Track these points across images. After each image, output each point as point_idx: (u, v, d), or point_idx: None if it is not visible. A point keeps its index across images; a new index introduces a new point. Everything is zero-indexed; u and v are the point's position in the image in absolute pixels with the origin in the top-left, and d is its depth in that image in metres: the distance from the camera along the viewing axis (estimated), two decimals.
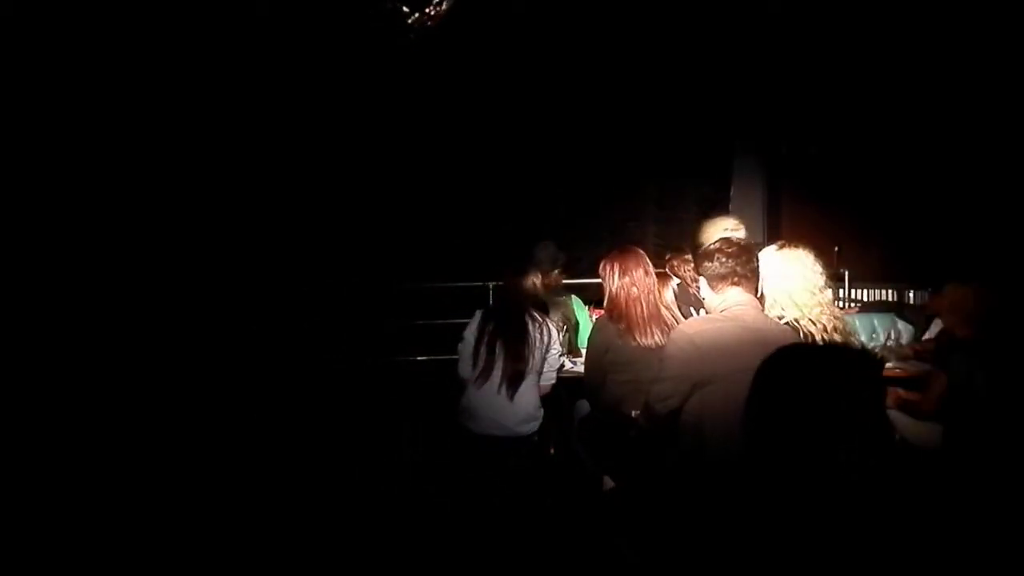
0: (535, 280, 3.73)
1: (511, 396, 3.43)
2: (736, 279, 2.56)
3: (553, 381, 3.65)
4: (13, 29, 3.34)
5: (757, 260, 2.64)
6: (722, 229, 4.63)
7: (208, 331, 4.03)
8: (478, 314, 3.58)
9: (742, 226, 4.67)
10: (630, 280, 3.29)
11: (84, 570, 2.87)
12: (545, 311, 3.92)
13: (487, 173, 5.88)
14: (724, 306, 2.55)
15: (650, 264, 3.40)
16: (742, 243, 2.69)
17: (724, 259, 2.57)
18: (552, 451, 4.06)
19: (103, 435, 3.43)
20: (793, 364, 1.36)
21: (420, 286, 5.21)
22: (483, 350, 3.45)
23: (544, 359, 3.54)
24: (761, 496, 1.27)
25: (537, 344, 3.49)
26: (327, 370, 4.21)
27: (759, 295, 2.71)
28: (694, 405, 2.39)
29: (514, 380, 3.43)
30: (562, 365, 3.81)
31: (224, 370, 3.93)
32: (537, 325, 3.52)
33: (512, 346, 3.45)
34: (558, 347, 3.64)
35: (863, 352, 1.36)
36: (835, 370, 1.29)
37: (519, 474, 3.51)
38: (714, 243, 2.69)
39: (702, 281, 2.65)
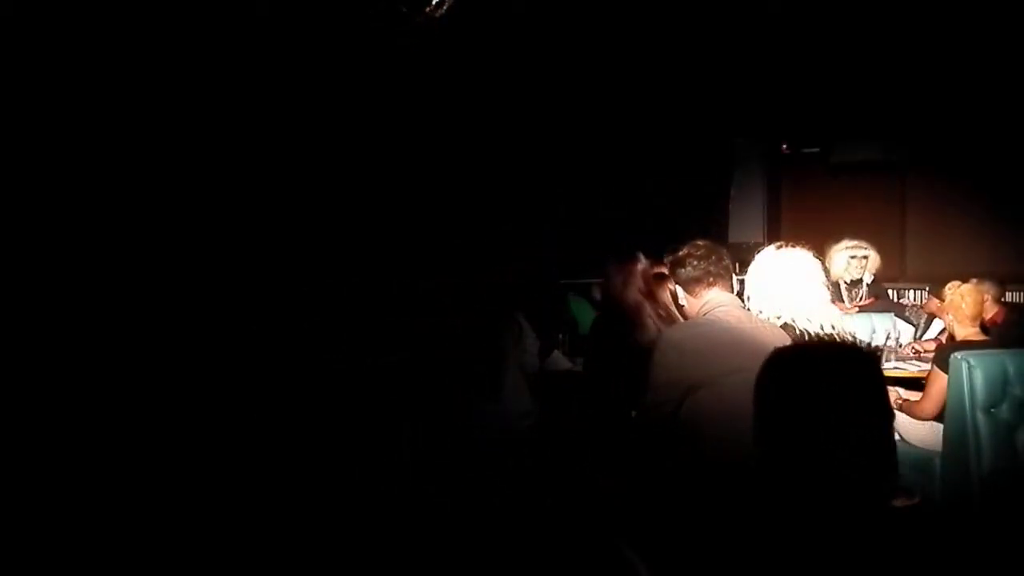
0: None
1: (498, 395, 3.46)
2: (712, 280, 2.55)
3: (536, 367, 3.67)
4: (13, 29, 3.34)
5: (728, 258, 2.64)
6: (844, 248, 4.69)
7: (207, 330, 4.03)
8: (448, 322, 3.62)
9: (864, 244, 4.73)
10: (632, 282, 3.31)
11: (84, 570, 2.87)
12: (544, 310, 3.93)
13: (487, 172, 5.88)
14: (706, 309, 2.54)
15: (649, 266, 3.41)
16: (709, 244, 2.68)
17: (696, 262, 2.56)
18: (552, 451, 4.06)
19: (101, 433, 3.43)
20: (793, 364, 1.36)
21: (420, 285, 5.21)
22: (460, 358, 3.49)
23: (522, 349, 3.57)
24: (771, 498, 1.27)
25: (509, 338, 3.52)
26: (326, 370, 4.21)
27: (739, 293, 2.71)
28: (688, 409, 2.38)
29: (494, 380, 3.46)
30: (548, 352, 3.84)
31: (223, 369, 3.93)
32: (505, 320, 3.55)
33: (484, 347, 3.48)
34: (532, 335, 3.65)
35: (858, 348, 1.36)
36: (836, 367, 1.29)
37: (519, 474, 3.51)
38: (682, 249, 2.67)
39: (678, 289, 2.64)
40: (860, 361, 1.30)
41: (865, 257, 4.82)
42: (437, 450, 3.68)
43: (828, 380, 1.28)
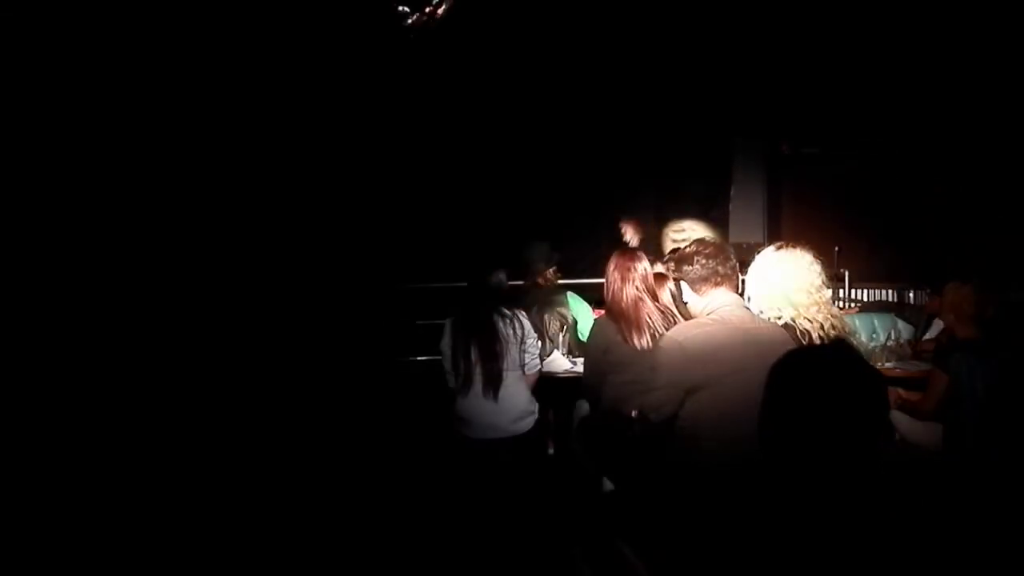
0: (502, 278, 3.69)
1: (497, 396, 3.46)
2: (719, 279, 2.54)
3: (538, 368, 3.66)
4: (13, 29, 3.34)
5: (735, 258, 2.63)
6: (668, 230, 4.65)
7: (209, 332, 4.03)
8: (448, 322, 3.60)
9: (687, 224, 4.67)
10: (632, 281, 3.30)
11: (84, 570, 2.87)
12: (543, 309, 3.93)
13: (486, 173, 5.88)
14: (710, 308, 2.52)
15: (649, 265, 3.41)
16: (717, 243, 2.67)
17: (704, 260, 2.55)
18: (551, 451, 4.06)
19: (106, 435, 3.43)
20: (802, 367, 1.36)
21: (419, 287, 5.21)
22: (460, 358, 3.48)
23: (523, 351, 3.56)
24: (776, 499, 1.27)
25: (511, 339, 3.51)
26: (327, 371, 4.21)
27: (741, 293, 2.71)
28: (688, 410, 2.38)
29: (495, 380, 3.46)
30: (551, 353, 3.85)
31: (225, 370, 3.93)
32: (507, 321, 3.54)
33: (486, 347, 3.47)
34: (534, 336, 3.64)
35: (864, 361, 1.36)
36: (843, 372, 1.30)
37: (518, 476, 3.51)
38: (690, 246, 2.66)
39: (684, 286, 2.63)
40: (863, 374, 1.31)
41: (686, 239, 4.71)
42: (437, 450, 3.67)
43: (829, 390, 1.28)
